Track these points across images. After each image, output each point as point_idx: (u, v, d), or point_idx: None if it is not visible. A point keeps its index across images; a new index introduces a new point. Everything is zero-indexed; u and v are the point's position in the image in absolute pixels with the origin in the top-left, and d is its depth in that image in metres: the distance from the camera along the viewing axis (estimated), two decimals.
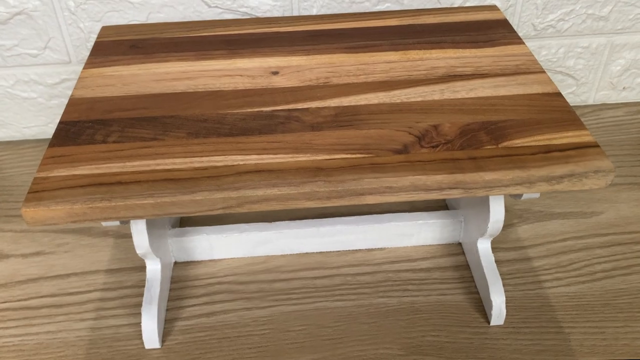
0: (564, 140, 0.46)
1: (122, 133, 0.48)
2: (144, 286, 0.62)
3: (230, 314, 0.60)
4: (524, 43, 0.58)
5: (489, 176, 0.43)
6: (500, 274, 0.59)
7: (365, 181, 0.43)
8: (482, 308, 0.60)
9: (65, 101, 0.79)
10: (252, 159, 0.45)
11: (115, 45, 0.60)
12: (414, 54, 0.57)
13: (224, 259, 0.65)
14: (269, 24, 0.63)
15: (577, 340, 0.57)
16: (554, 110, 0.50)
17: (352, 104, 0.51)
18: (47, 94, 0.78)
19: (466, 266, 0.64)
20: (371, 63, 0.56)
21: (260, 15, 0.74)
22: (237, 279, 0.63)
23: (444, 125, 0.48)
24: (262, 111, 0.51)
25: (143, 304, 0.56)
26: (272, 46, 0.59)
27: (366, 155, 0.45)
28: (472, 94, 0.52)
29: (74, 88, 0.54)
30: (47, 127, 0.82)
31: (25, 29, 0.72)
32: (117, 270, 0.65)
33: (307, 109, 0.51)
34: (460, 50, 0.57)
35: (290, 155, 0.46)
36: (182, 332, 0.58)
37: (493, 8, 0.65)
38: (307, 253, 0.66)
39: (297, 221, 0.64)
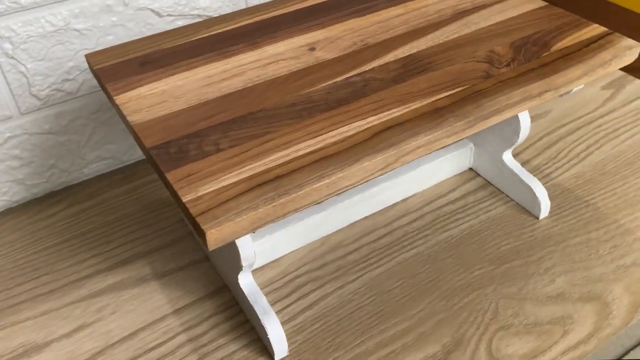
0: (589, 34, 0.55)
1: (228, 138, 0.45)
2: (226, 310, 0.59)
3: (328, 298, 0.59)
4: None
5: (570, 73, 0.50)
6: None
7: (486, 106, 0.47)
8: (523, 210, 0.67)
9: (14, 164, 0.68)
10: (375, 120, 0.46)
11: (124, 67, 0.54)
12: (413, 5, 0.62)
13: (284, 256, 0.64)
14: (257, 12, 0.62)
15: (603, 203, 0.68)
16: (560, 17, 0.59)
17: (407, 54, 0.54)
18: None
19: (486, 184, 0.71)
20: (385, 20, 0.60)
21: (213, 14, 0.72)
22: (310, 267, 0.63)
23: (496, 49, 0.54)
24: (336, 82, 0.51)
25: (260, 316, 0.53)
26: (281, 29, 0.59)
27: (464, 87, 0.49)
28: (490, 22, 0.58)
29: (127, 115, 0.48)
30: None
31: None
32: (184, 307, 0.59)
33: (373, 69, 0.53)
34: None
35: (404, 107, 0.48)
36: (297, 333, 0.57)
37: None
38: (354, 223, 0.67)
39: (344, 193, 0.65)
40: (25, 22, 0.61)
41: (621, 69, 0.91)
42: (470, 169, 0.74)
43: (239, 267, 0.53)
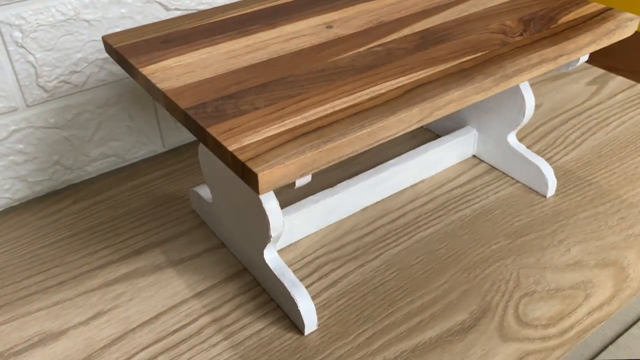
0: (591, 10, 0.59)
1: (263, 98, 0.46)
2: (248, 292, 0.58)
3: (350, 276, 0.59)
4: None
5: (580, 40, 0.53)
6: None
7: (508, 66, 0.49)
8: (531, 190, 0.69)
9: (17, 159, 0.66)
10: (405, 79, 0.48)
11: (145, 45, 0.54)
12: None
13: (300, 240, 0.63)
14: (268, 0, 0.63)
15: (605, 182, 0.70)
16: None
17: (423, 28, 0.56)
18: None
19: (491, 169, 0.73)
20: (396, 3, 0.62)
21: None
22: (329, 248, 0.62)
23: (507, 22, 0.57)
24: (359, 52, 0.52)
25: (289, 289, 0.52)
26: (296, 12, 0.60)
27: (485, 52, 0.51)
28: (497, 2, 0.61)
29: (156, 83, 0.48)
30: None
31: None
32: (205, 291, 0.58)
33: (393, 40, 0.54)
34: None
35: (431, 69, 0.49)
36: (323, 309, 0.56)
37: None
38: (366, 208, 0.67)
39: (355, 177, 0.66)
40: (36, 10, 0.61)
41: (603, 67, 0.95)
42: (474, 156, 0.75)
43: (266, 239, 0.52)
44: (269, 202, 0.50)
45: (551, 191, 0.68)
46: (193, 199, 0.67)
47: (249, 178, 0.39)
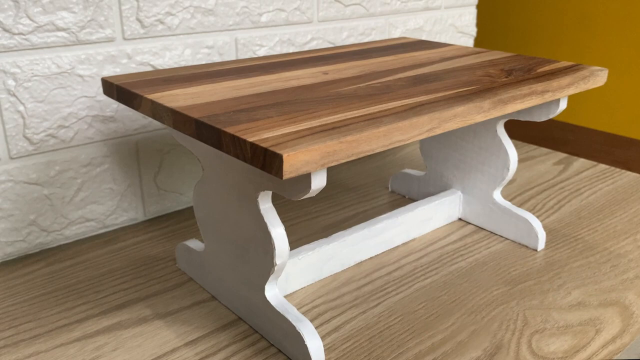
0: (563, 65, 0.64)
1: (276, 111, 0.46)
2: (244, 339, 0.53)
3: (352, 322, 0.56)
4: (445, 45, 0.76)
5: (561, 81, 0.57)
6: None
7: (503, 95, 0.52)
8: (520, 245, 0.69)
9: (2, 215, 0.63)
10: (409, 101, 0.49)
11: (147, 83, 0.55)
12: (403, 55, 0.69)
13: (297, 291, 0.60)
14: (263, 59, 0.66)
15: (590, 237, 0.71)
16: (531, 58, 0.67)
17: (413, 74, 0.59)
18: None
19: (479, 229, 0.73)
20: (382, 62, 0.66)
21: None
22: (327, 298, 0.59)
23: (491, 71, 0.61)
24: (359, 86, 0.54)
25: (294, 324, 0.49)
26: (292, 65, 0.63)
27: (478, 86, 0.54)
28: (476, 60, 0.66)
29: (164, 103, 0.48)
30: None
31: None
32: (197, 339, 0.53)
33: (390, 80, 0.57)
34: (413, 52, 0.71)
35: (431, 96, 0.51)
36: (329, 351, 0.52)
37: (405, 38, 0.82)
38: (362, 262, 0.66)
39: (349, 229, 0.65)
40: (33, 60, 0.62)
41: (565, 152, 1.01)
42: (460, 219, 0.76)
43: (270, 270, 0.49)
44: (275, 228, 0.48)
45: (541, 244, 0.68)
46: (179, 256, 0.64)
47: (272, 164, 0.38)
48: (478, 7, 2.28)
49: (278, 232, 0.49)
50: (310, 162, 0.39)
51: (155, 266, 0.65)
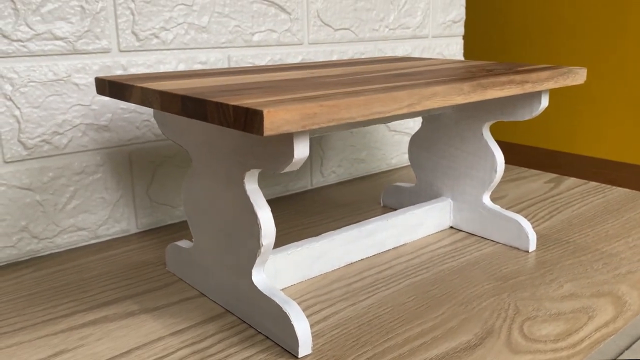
0: (542, 66, 0.66)
1: (261, 92, 0.48)
2: (232, 328, 0.53)
3: (341, 312, 0.55)
4: (433, 59, 0.78)
5: (541, 74, 0.59)
6: None
7: (483, 82, 0.53)
8: (512, 248, 0.69)
9: None
10: (390, 84, 0.51)
11: (139, 79, 0.57)
12: (388, 64, 0.71)
13: (286, 287, 0.60)
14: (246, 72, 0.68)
15: (582, 240, 0.71)
16: (511, 63, 0.69)
17: (395, 72, 0.61)
18: None
19: (470, 235, 0.73)
20: (364, 70, 0.68)
21: None
22: (316, 293, 0.59)
23: (472, 69, 0.63)
24: (342, 77, 0.56)
25: (281, 305, 0.48)
26: (282, 70, 0.65)
27: (458, 77, 0.56)
28: (456, 66, 0.68)
29: (155, 88, 0.50)
30: None
31: None
32: (185, 329, 0.53)
33: (372, 73, 0.59)
34: (400, 63, 0.73)
35: (413, 81, 0.53)
36: (317, 337, 0.51)
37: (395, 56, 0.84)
38: (353, 263, 0.66)
39: (339, 229, 0.65)
40: (30, 67, 0.64)
41: (556, 172, 1.02)
42: (451, 227, 0.76)
43: (256, 252, 0.49)
44: (262, 209, 0.49)
45: (532, 246, 0.68)
46: (169, 258, 0.64)
47: (253, 122, 0.39)
48: (466, 28, 2.33)
49: (264, 212, 0.49)
50: (290, 122, 0.40)
51: (145, 269, 0.65)
